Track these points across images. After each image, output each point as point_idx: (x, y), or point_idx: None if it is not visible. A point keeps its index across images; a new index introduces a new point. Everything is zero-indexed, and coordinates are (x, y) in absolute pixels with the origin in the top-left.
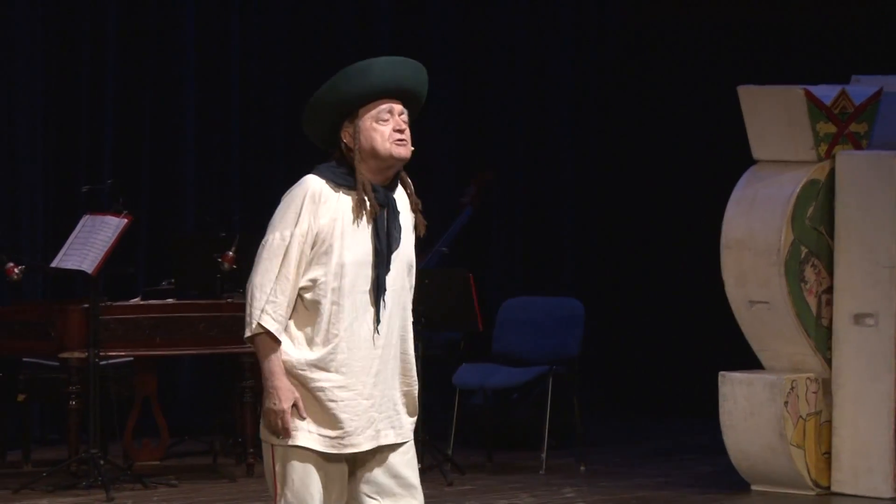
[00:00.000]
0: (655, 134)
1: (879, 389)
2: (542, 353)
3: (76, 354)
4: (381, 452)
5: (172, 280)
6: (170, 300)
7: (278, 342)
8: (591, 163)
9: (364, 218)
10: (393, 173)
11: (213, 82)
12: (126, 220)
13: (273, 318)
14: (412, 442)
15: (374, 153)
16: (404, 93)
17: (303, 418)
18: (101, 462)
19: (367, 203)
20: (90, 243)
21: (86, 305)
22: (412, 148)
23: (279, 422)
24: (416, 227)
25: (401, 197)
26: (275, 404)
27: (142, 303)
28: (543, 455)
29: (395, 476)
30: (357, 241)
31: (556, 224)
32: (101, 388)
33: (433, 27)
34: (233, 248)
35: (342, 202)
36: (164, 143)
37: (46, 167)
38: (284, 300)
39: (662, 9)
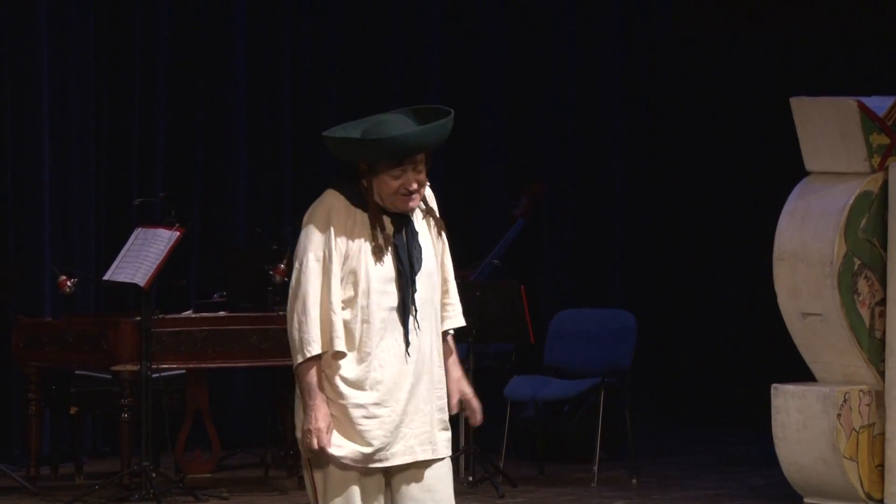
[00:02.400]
0: (707, 145)
1: None
2: (594, 365)
3: (128, 367)
4: (416, 468)
5: (224, 293)
6: (222, 313)
7: (321, 371)
8: (643, 174)
9: (383, 241)
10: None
11: (265, 95)
12: (178, 233)
13: (325, 342)
14: (449, 459)
15: (380, 198)
16: (421, 152)
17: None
18: (153, 475)
19: (380, 232)
20: (142, 256)
21: (138, 318)
22: (422, 195)
23: (314, 440)
24: (439, 241)
25: (417, 214)
26: (311, 423)
27: (194, 315)
28: (595, 467)
29: (430, 490)
30: (379, 260)
31: (608, 236)
32: (153, 400)
33: (483, 39)
34: (284, 261)
35: (362, 221)
36: (217, 156)
37: (99, 180)
38: (335, 319)
39: (715, 19)
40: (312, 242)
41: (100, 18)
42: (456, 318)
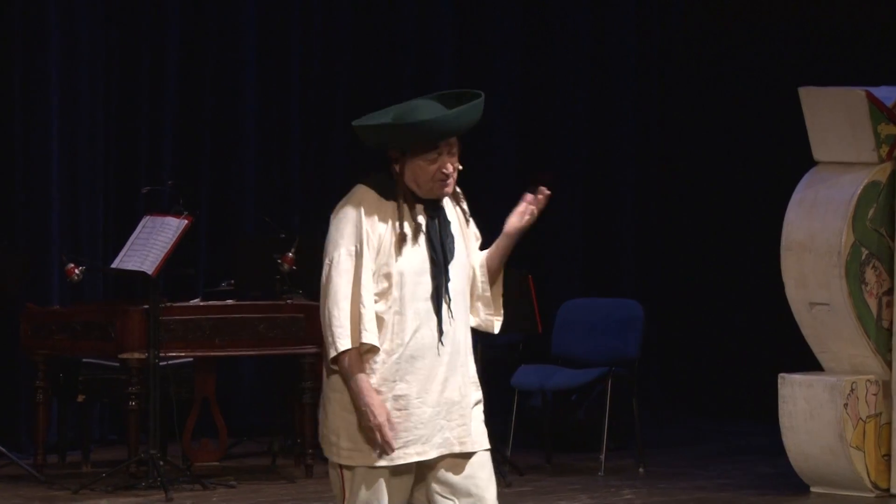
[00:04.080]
0: (716, 135)
1: None
2: (602, 354)
3: (136, 355)
4: (454, 459)
5: (232, 281)
6: (229, 301)
7: (362, 360)
8: (652, 164)
9: (416, 228)
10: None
11: (274, 83)
12: (186, 222)
13: (355, 336)
14: (488, 453)
15: (416, 184)
16: (456, 135)
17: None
18: (161, 463)
19: (412, 221)
20: (150, 244)
21: (146, 306)
22: (455, 180)
23: (378, 437)
24: (469, 231)
25: (448, 203)
26: (370, 420)
27: (202, 304)
28: (602, 456)
29: (470, 476)
30: (412, 250)
31: (616, 225)
32: (160, 388)
33: (495, 30)
34: (292, 250)
35: (394, 212)
36: (225, 145)
37: (107, 168)
38: (365, 312)
39: (724, 10)
40: (343, 237)
41: (110, 8)
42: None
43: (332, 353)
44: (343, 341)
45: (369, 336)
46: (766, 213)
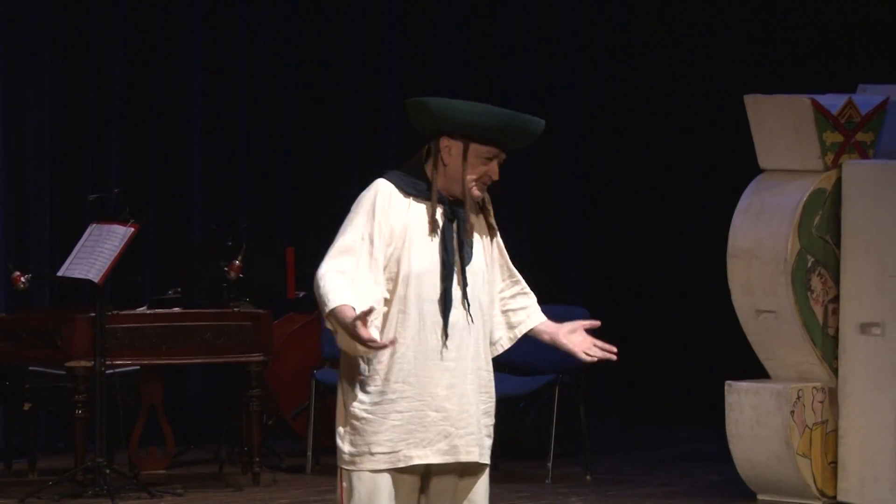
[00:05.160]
0: (662, 142)
1: (886, 399)
2: (549, 361)
3: (82, 363)
4: (455, 472)
5: (179, 289)
6: (176, 309)
7: (349, 307)
8: (598, 171)
9: (432, 228)
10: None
11: (221, 91)
12: (133, 229)
13: (344, 297)
14: (487, 468)
15: (456, 179)
16: (517, 147)
17: (370, 312)
18: (107, 471)
19: (436, 214)
20: (97, 252)
21: (92, 314)
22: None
23: (358, 334)
24: (493, 244)
25: (473, 214)
26: (345, 328)
27: (148, 311)
28: (550, 464)
29: (468, 489)
30: (425, 250)
31: (562, 232)
32: (107, 396)
33: (442, 33)
34: (239, 257)
35: (412, 210)
36: (171, 152)
37: (53, 175)
38: (349, 291)
39: (668, 17)
40: (354, 225)
41: (55, 10)
42: (537, 314)
43: (325, 322)
44: (328, 303)
45: (373, 332)
46: (712, 219)
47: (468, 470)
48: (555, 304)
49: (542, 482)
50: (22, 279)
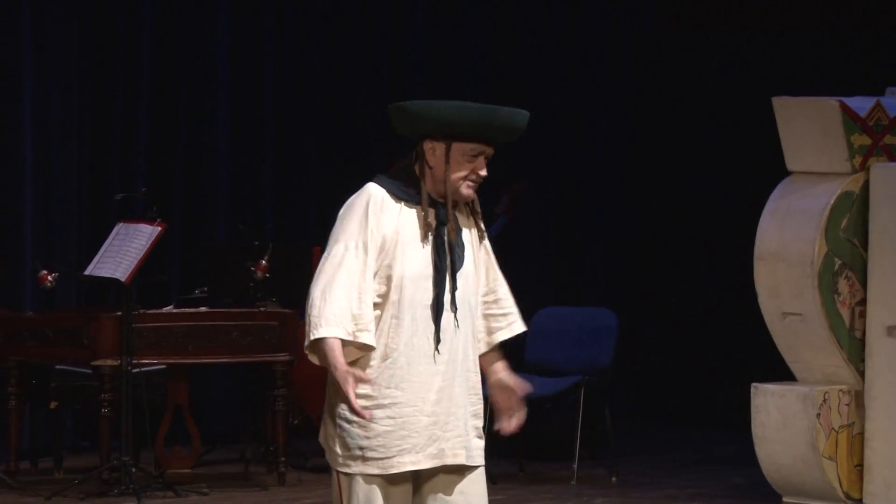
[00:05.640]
0: (689, 144)
1: None
2: (575, 363)
3: (109, 362)
4: (448, 474)
5: (205, 288)
6: (203, 308)
7: (340, 345)
8: (624, 173)
9: (424, 232)
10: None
11: (247, 91)
12: (159, 229)
13: (335, 326)
14: (483, 468)
15: (443, 181)
16: (502, 140)
17: (368, 380)
18: (133, 470)
19: (424, 223)
20: (124, 251)
21: (119, 313)
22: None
23: (349, 377)
24: (481, 248)
25: (462, 216)
26: (339, 370)
27: (175, 311)
28: (575, 465)
29: (463, 493)
30: (417, 254)
31: (589, 234)
32: (133, 395)
33: (467, 38)
34: (266, 257)
35: (403, 214)
36: (198, 152)
37: (80, 175)
38: (363, 311)
39: (697, 19)
40: (345, 232)
41: (82, 14)
42: (516, 325)
43: (307, 341)
44: (317, 330)
45: (367, 336)
46: (739, 222)
47: (458, 470)
48: (581, 306)
49: (567, 484)
50: (49, 278)
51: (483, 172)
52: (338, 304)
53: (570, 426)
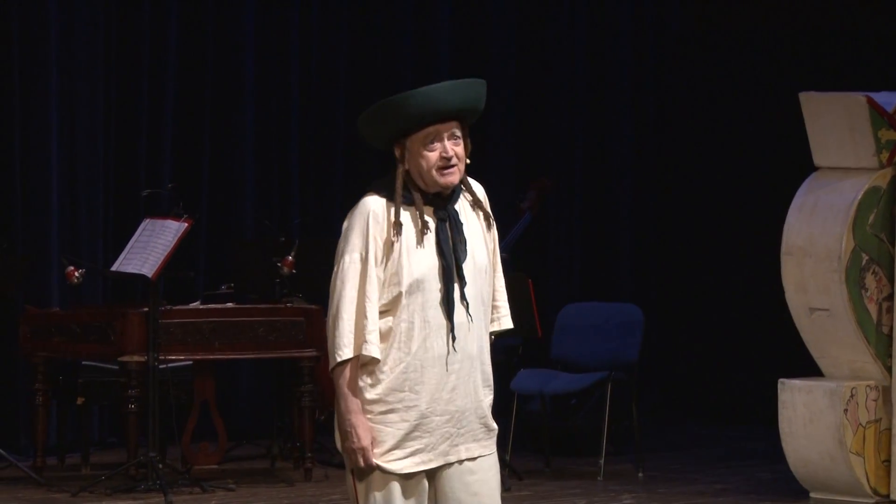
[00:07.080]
0: (716, 140)
1: None
2: (601, 359)
3: (135, 358)
4: (460, 468)
5: (232, 284)
6: (229, 304)
7: (358, 376)
8: (651, 169)
9: (424, 233)
10: (448, 190)
11: (273, 86)
12: (186, 225)
13: (358, 346)
14: (496, 455)
15: (421, 177)
16: (453, 113)
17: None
18: (160, 465)
19: (422, 224)
20: (150, 247)
21: (145, 309)
22: (462, 171)
23: (360, 460)
24: (490, 236)
25: (464, 206)
26: (354, 443)
27: (201, 307)
28: (601, 461)
29: (475, 494)
30: (422, 256)
31: (615, 229)
32: (159, 391)
33: (492, 35)
34: (292, 253)
35: (403, 219)
36: (224, 148)
37: (107, 171)
38: (367, 323)
39: (723, 15)
40: (350, 245)
41: (109, 11)
42: (504, 320)
43: (331, 364)
44: (343, 350)
45: (371, 349)
46: (766, 217)
47: (472, 467)
48: (608, 301)
49: (594, 479)
50: (76, 274)
51: (449, 152)
52: (347, 324)
53: (596, 422)
